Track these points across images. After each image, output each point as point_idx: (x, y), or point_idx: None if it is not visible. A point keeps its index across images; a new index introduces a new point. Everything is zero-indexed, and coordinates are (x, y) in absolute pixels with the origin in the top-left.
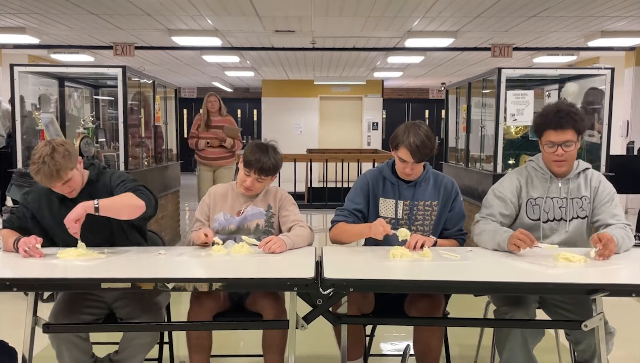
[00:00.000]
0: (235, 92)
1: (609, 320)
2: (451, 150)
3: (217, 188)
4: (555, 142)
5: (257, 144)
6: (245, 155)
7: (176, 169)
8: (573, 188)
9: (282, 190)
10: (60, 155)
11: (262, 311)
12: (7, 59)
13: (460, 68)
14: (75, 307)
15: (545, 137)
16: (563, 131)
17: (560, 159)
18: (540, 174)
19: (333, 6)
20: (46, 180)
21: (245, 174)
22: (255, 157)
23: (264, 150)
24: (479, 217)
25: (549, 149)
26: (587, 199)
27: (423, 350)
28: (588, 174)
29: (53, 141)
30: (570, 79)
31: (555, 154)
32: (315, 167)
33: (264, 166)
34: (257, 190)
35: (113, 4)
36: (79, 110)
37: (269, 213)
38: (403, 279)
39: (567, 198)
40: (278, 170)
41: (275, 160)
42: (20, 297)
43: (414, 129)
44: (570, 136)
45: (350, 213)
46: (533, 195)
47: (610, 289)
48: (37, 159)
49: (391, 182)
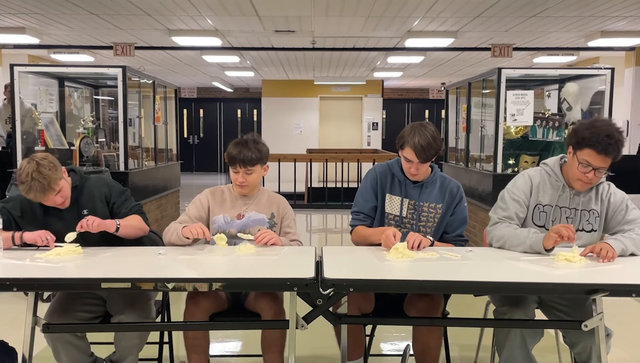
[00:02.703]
0: (235, 92)
1: (607, 321)
2: (451, 150)
3: (215, 190)
4: (592, 165)
5: (235, 141)
6: (228, 153)
7: (176, 168)
8: (584, 200)
9: (285, 202)
10: (47, 168)
11: (260, 311)
12: (7, 59)
13: (460, 68)
14: (71, 306)
15: (584, 155)
16: (605, 158)
17: (586, 181)
18: (553, 180)
19: (333, 6)
20: (40, 196)
21: (234, 171)
22: (237, 150)
23: (244, 143)
24: (497, 218)
25: (582, 169)
26: (596, 213)
27: (422, 350)
28: (600, 188)
29: (35, 157)
30: (570, 79)
31: (586, 176)
32: (315, 167)
33: (246, 157)
34: (253, 183)
35: (113, 4)
36: (79, 110)
37: (272, 222)
38: (403, 279)
39: (577, 210)
40: (264, 158)
41: (256, 149)
42: (20, 297)
43: (421, 129)
44: (608, 163)
45: (367, 216)
46: (542, 201)
47: (610, 289)
48: (25, 177)
49: (399, 180)
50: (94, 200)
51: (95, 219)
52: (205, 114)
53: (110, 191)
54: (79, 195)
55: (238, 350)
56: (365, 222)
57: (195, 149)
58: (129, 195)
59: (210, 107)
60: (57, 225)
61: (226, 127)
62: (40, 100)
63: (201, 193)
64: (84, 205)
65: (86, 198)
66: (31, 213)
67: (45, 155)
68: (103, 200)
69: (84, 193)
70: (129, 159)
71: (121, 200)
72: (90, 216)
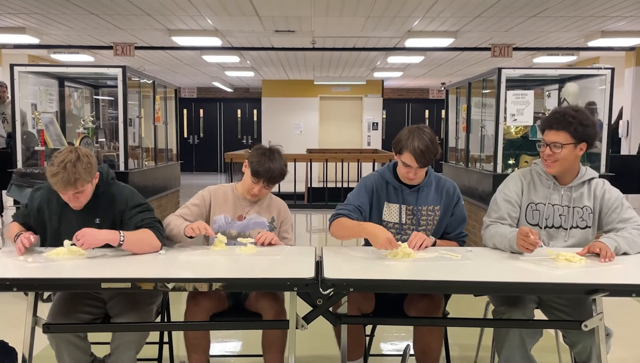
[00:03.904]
0: (235, 92)
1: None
2: (451, 150)
3: (218, 188)
4: (545, 141)
5: (263, 151)
6: (253, 165)
7: (176, 169)
8: (576, 197)
9: (285, 206)
10: (83, 166)
11: (261, 311)
12: (7, 59)
13: (460, 68)
14: (73, 307)
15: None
16: (557, 132)
17: (547, 159)
18: (544, 179)
19: (333, 6)
20: (61, 186)
21: (254, 182)
22: (265, 168)
23: (272, 158)
24: (489, 221)
25: (540, 148)
26: (589, 210)
27: (423, 350)
28: (592, 184)
29: (80, 149)
30: (570, 79)
31: (543, 153)
32: (315, 167)
33: (274, 175)
34: (264, 195)
35: (113, 4)
36: (79, 110)
37: (272, 226)
38: (403, 279)
39: (569, 207)
40: (285, 176)
41: (281, 166)
42: (20, 297)
43: (418, 133)
44: (560, 138)
45: (355, 208)
46: (534, 199)
47: (610, 289)
48: (59, 162)
49: (394, 187)
50: (109, 211)
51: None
52: (205, 114)
53: (127, 205)
54: (97, 203)
55: (238, 350)
56: (352, 215)
57: (195, 149)
58: (147, 207)
59: (210, 107)
60: (67, 227)
61: (226, 127)
62: (40, 100)
63: (204, 190)
64: (99, 214)
65: (103, 208)
66: (48, 207)
67: (89, 154)
68: (118, 213)
69: (102, 201)
70: (129, 159)
71: (133, 212)
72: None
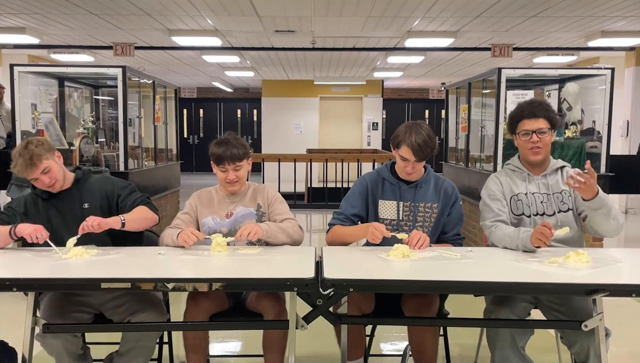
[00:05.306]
0: (235, 92)
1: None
2: (451, 150)
3: (201, 192)
4: (529, 130)
5: (216, 141)
6: (212, 154)
7: (176, 169)
8: (552, 183)
9: (270, 188)
10: (34, 145)
11: (262, 311)
12: (7, 59)
13: (460, 68)
14: (63, 312)
15: (520, 127)
16: (537, 119)
17: (536, 146)
18: (519, 173)
19: (333, 6)
20: (23, 170)
21: (222, 170)
22: (222, 149)
23: (226, 141)
24: (488, 223)
25: (524, 138)
26: (567, 193)
27: (418, 350)
28: (564, 171)
29: (29, 138)
30: (570, 79)
31: (530, 141)
32: (315, 167)
33: (233, 153)
34: (243, 179)
35: (113, 4)
36: (79, 110)
37: (259, 213)
38: (403, 279)
39: (549, 194)
40: (248, 152)
41: (240, 144)
42: (20, 297)
43: (416, 128)
44: (543, 124)
45: (347, 218)
46: (515, 191)
47: (610, 289)
48: (14, 154)
49: (391, 183)
50: (95, 195)
51: (95, 219)
52: (205, 114)
53: (113, 187)
54: (81, 189)
55: (238, 350)
56: (345, 224)
57: (195, 149)
58: (133, 188)
59: (210, 107)
60: (58, 219)
61: (226, 127)
62: (40, 100)
63: (190, 197)
64: (85, 199)
65: (88, 193)
66: (34, 209)
67: (41, 138)
68: (105, 196)
69: (85, 188)
70: (129, 159)
71: (125, 193)
72: (91, 216)
